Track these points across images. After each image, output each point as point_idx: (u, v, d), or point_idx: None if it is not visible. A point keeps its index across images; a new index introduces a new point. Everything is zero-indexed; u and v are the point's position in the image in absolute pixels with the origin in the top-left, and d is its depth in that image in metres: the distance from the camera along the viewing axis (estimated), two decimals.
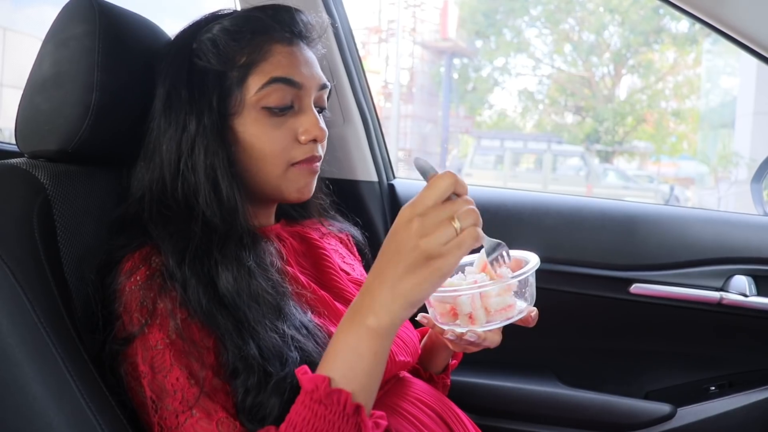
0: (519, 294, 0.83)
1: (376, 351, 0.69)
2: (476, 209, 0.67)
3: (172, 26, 0.98)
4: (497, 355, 1.49)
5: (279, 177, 0.88)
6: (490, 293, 0.80)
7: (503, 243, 0.79)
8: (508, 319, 0.81)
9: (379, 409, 0.86)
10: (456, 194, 0.68)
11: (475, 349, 0.90)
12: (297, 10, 0.92)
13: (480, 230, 0.67)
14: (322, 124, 0.90)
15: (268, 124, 0.86)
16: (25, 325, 0.72)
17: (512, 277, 0.79)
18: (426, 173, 0.71)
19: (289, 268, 0.89)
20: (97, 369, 0.75)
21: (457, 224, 0.65)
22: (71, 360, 0.73)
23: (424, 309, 0.88)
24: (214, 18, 0.91)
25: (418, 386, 0.96)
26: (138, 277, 0.76)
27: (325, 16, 0.98)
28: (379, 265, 0.69)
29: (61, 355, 0.72)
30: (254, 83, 0.85)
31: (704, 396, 1.43)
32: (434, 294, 0.81)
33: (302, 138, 0.87)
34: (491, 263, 0.79)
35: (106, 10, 0.87)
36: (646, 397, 1.47)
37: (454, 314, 0.82)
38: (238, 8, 1.41)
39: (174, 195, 0.84)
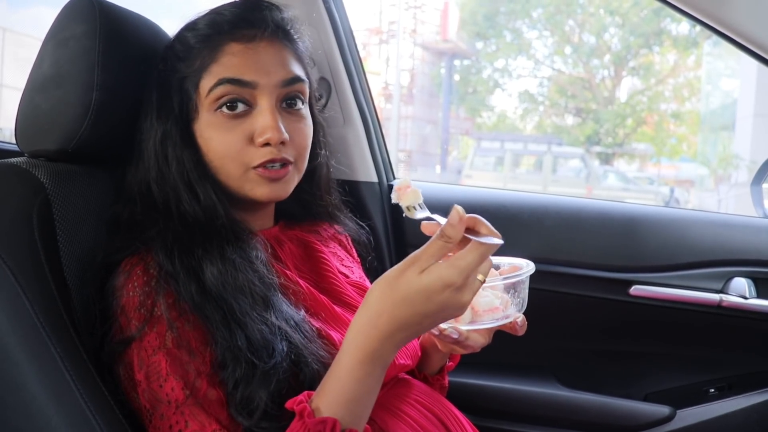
0: (510, 298, 0.82)
1: (380, 383, 0.72)
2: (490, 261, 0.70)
3: (170, 26, 0.99)
4: (497, 357, 1.49)
5: (239, 179, 0.86)
6: (479, 293, 0.78)
7: None
8: (495, 320, 0.80)
9: (378, 410, 0.86)
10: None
11: (461, 351, 0.89)
12: (269, 5, 0.90)
13: None
14: (279, 125, 0.84)
15: (222, 127, 0.85)
16: (25, 325, 0.72)
17: (503, 279, 0.78)
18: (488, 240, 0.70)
19: (287, 272, 0.89)
20: (96, 368, 0.75)
21: (480, 277, 0.69)
22: (70, 359, 0.73)
23: None
24: (185, 26, 0.90)
25: (417, 388, 0.95)
26: (136, 281, 0.77)
27: (296, 11, 0.95)
28: (406, 307, 0.67)
29: (60, 354, 0.72)
30: (205, 86, 0.85)
31: (704, 398, 1.43)
32: None
33: (258, 140, 0.84)
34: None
35: (106, 9, 0.87)
36: (646, 398, 1.47)
37: None
38: None
39: (158, 195, 0.85)
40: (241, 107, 0.84)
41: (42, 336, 0.72)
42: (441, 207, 1.51)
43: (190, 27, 0.89)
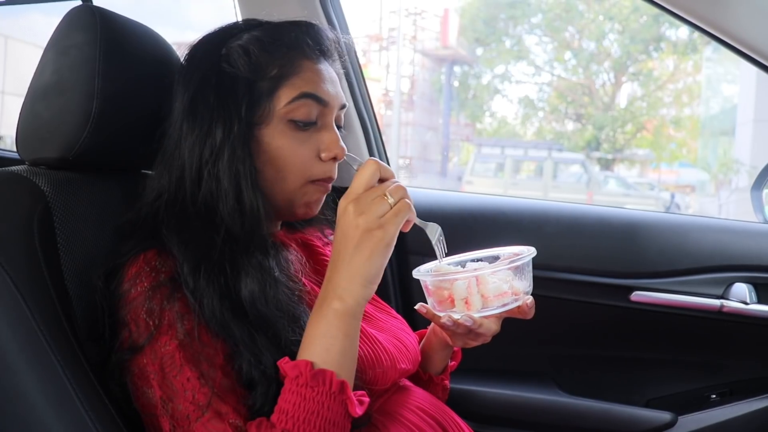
0: (516, 282, 0.85)
1: (346, 331, 0.75)
2: (402, 185, 0.78)
3: (164, 33, 0.99)
4: (497, 363, 1.49)
5: (295, 191, 0.87)
6: (487, 280, 0.82)
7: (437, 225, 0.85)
8: (504, 305, 0.83)
9: (380, 416, 0.86)
10: (383, 179, 0.79)
11: (473, 343, 0.92)
12: (322, 27, 0.91)
13: (411, 204, 0.77)
14: (342, 143, 0.89)
15: (293, 137, 0.85)
16: (25, 333, 0.72)
17: (509, 263, 0.82)
18: (355, 163, 0.81)
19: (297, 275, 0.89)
20: (97, 377, 0.75)
21: (390, 199, 0.76)
22: (71, 368, 0.73)
23: (423, 299, 0.89)
24: (244, 26, 0.89)
25: (419, 394, 0.96)
26: (144, 284, 0.76)
27: (349, 37, 0.99)
28: (333, 255, 0.77)
29: (61, 363, 0.72)
30: (285, 96, 0.85)
31: (705, 404, 1.43)
32: (432, 280, 0.85)
33: (323, 155, 0.87)
34: (437, 245, 0.85)
35: (106, 18, 0.87)
36: (647, 404, 1.46)
37: (452, 302, 0.84)
38: (238, 14, 1.43)
39: (193, 201, 0.83)
40: (312, 122, 0.86)
41: (42, 344, 0.72)
42: (441, 214, 1.52)
43: (257, 35, 0.87)
